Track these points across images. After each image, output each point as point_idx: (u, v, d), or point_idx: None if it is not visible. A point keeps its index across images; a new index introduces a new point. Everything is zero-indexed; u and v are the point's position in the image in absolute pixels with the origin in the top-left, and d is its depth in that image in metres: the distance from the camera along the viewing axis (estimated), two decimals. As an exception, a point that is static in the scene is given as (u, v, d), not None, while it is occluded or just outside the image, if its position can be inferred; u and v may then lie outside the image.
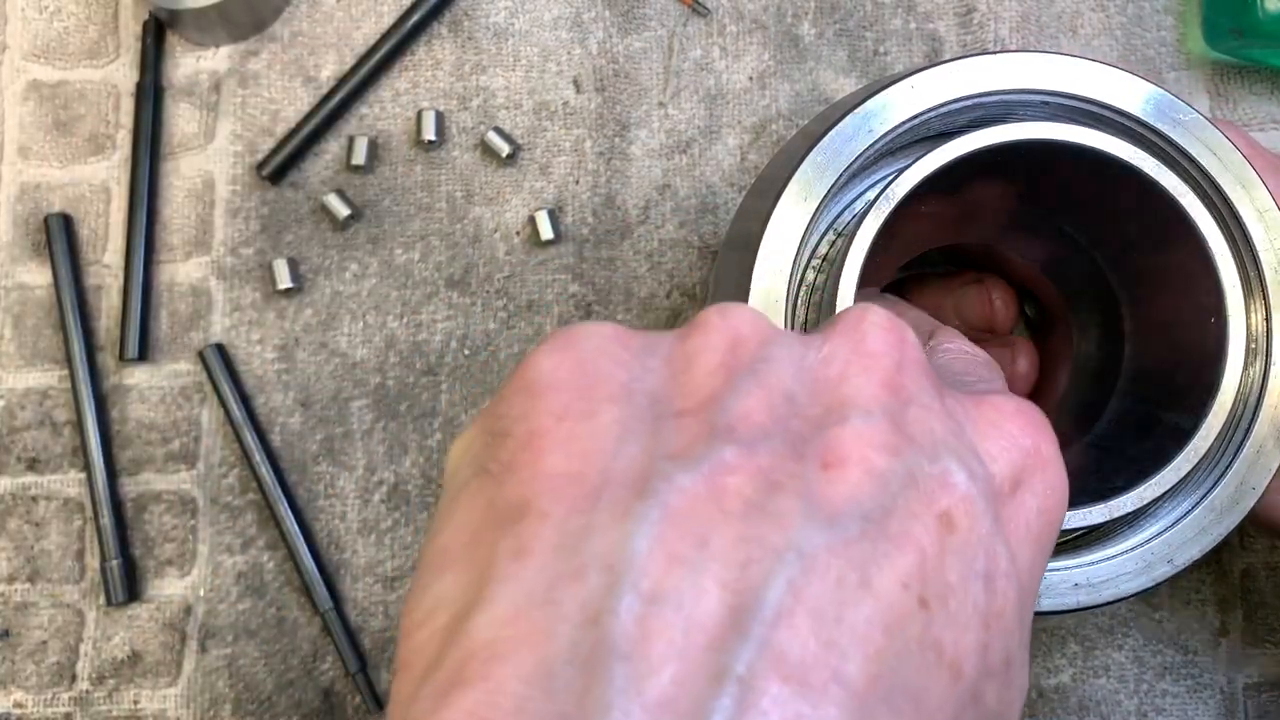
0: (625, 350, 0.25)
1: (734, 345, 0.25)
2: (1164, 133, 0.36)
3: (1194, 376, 0.37)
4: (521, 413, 0.24)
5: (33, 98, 0.54)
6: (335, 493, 0.52)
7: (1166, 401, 0.39)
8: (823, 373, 0.25)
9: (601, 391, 0.24)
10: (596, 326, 0.26)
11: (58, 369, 0.52)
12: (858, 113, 0.35)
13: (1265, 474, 0.36)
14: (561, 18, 0.54)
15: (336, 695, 0.51)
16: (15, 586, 0.52)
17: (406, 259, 0.53)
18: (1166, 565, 0.36)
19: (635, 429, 0.24)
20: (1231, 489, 0.36)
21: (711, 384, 0.25)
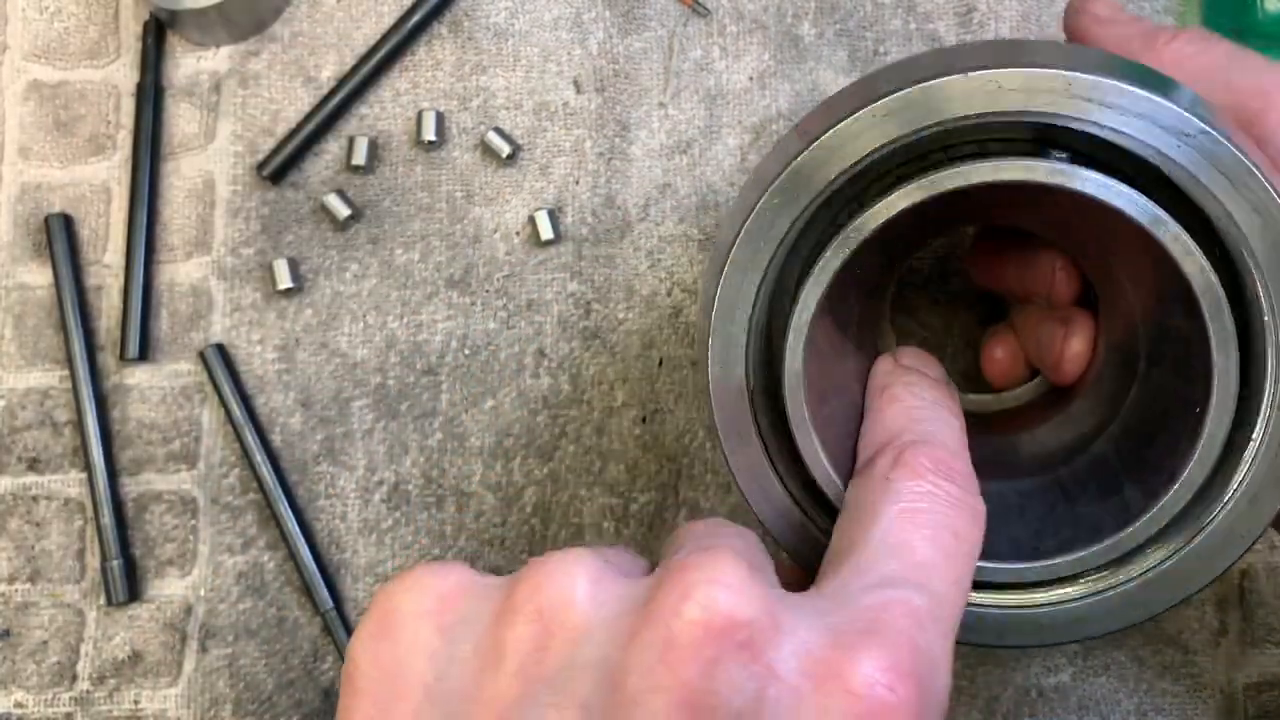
0: (440, 636, 0.26)
1: (544, 637, 0.25)
2: (1201, 182, 0.31)
3: (1161, 457, 0.35)
4: (342, 710, 0.27)
5: (33, 98, 0.54)
6: (336, 492, 0.52)
7: (1133, 469, 0.37)
8: (621, 682, 0.24)
9: (403, 702, 0.26)
10: (417, 599, 0.27)
11: (58, 369, 0.52)
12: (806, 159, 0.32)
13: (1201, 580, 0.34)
14: (562, 18, 0.54)
15: (337, 695, 0.51)
16: (16, 586, 0.52)
17: (407, 259, 0.53)
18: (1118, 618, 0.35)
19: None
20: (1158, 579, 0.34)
21: (511, 692, 0.25)
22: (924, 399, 0.35)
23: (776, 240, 0.33)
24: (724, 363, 0.35)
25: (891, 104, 0.31)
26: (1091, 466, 0.39)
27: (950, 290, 0.52)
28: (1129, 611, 0.35)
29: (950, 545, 0.29)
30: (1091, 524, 0.35)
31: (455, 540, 0.52)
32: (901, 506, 0.30)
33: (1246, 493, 0.33)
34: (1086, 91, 0.30)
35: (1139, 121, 0.30)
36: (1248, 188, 0.30)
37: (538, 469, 0.52)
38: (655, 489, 0.52)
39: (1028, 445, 0.43)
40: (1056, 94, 0.30)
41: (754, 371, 0.35)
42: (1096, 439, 0.40)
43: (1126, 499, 0.35)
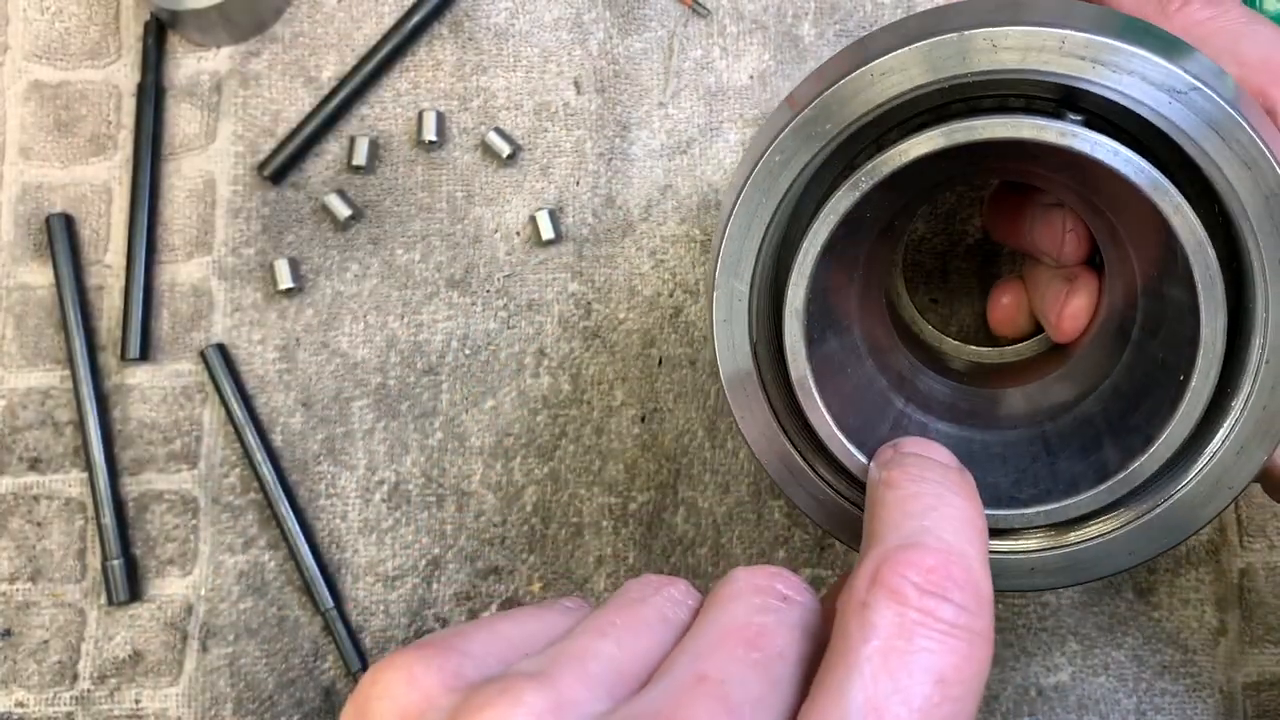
0: None
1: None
2: (1197, 142, 0.31)
3: (1143, 421, 0.35)
4: None
5: (34, 98, 0.54)
6: (336, 492, 0.52)
7: (1116, 430, 0.37)
8: None
9: None
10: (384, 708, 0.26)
11: (59, 369, 0.53)
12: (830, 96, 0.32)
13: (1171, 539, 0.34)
14: (562, 19, 0.54)
15: (337, 694, 0.51)
16: (17, 586, 0.52)
17: (407, 259, 0.53)
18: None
19: None
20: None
21: None
22: (924, 484, 0.30)
23: (784, 188, 0.33)
24: (728, 317, 0.34)
25: (891, 62, 0.32)
26: (1077, 424, 0.39)
27: (958, 250, 0.52)
28: (1095, 565, 0.35)
29: (931, 699, 0.24)
30: (1069, 479, 0.35)
31: (455, 540, 0.52)
32: (876, 646, 0.25)
33: (1232, 447, 0.34)
34: (1080, 49, 0.30)
35: (1130, 79, 0.30)
36: (1238, 142, 0.30)
37: (538, 468, 0.52)
38: (654, 488, 0.52)
39: (1019, 401, 0.43)
40: (1049, 52, 0.31)
41: (758, 324, 0.35)
42: (1086, 399, 0.40)
43: (1105, 458, 0.35)
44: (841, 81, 0.32)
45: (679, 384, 0.52)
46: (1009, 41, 0.31)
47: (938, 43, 0.31)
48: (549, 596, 0.51)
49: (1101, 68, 0.30)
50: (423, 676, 0.26)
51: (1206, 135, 0.31)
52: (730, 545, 0.51)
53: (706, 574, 0.51)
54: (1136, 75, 0.30)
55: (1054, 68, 0.31)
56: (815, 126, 0.32)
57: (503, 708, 0.24)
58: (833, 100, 0.32)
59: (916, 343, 0.49)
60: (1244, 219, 0.31)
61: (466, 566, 0.52)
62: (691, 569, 0.51)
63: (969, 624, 0.25)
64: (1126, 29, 0.32)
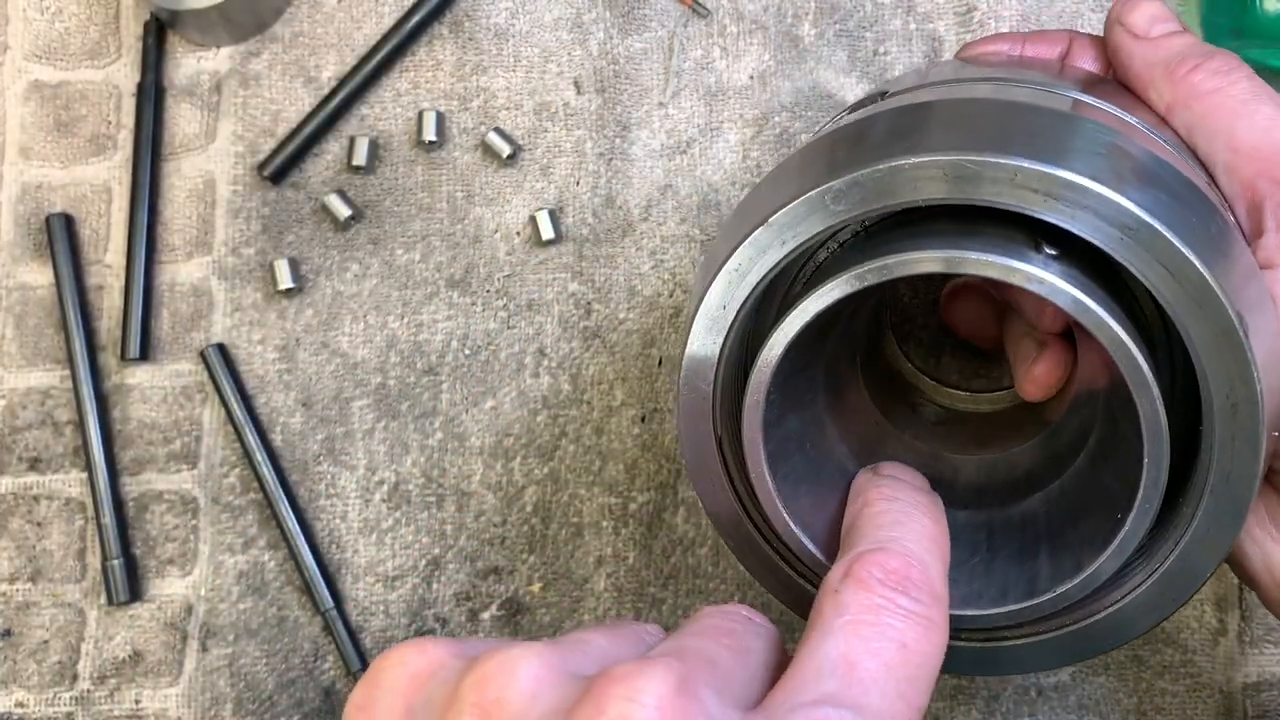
0: (406, 715, 0.28)
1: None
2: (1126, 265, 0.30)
3: (1079, 543, 0.35)
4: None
5: (34, 98, 0.54)
6: (336, 492, 0.52)
7: (1055, 542, 0.37)
8: None
9: None
10: (395, 676, 0.29)
11: (59, 369, 0.53)
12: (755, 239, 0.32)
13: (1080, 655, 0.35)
14: (562, 19, 0.54)
15: (337, 694, 0.51)
16: (17, 586, 0.52)
17: (407, 259, 0.53)
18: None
19: None
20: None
21: None
22: (895, 502, 0.34)
23: (743, 296, 0.33)
24: (691, 414, 0.35)
25: (841, 186, 0.31)
26: (1021, 521, 0.39)
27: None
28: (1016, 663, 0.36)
29: (895, 659, 0.28)
30: (1001, 585, 0.36)
31: (455, 540, 0.52)
32: (847, 619, 0.29)
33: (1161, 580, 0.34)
34: (1032, 182, 0.30)
35: (1083, 214, 0.30)
36: (1189, 280, 0.30)
37: (538, 468, 0.52)
38: (654, 488, 0.52)
39: (975, 473, 0.43)
40: (1001, 184, 0.30)
41: (723, 422, 0.36)
42: (1034, 494, 0.40)
43: (1038, 571, 0.36)
44: (796, 201, 0.32)
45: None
46: (961, 173, 0.30)
47: (892, 169, 0.31)
48: (549, 597, 0.51)
49: (1054, 201, 0.30)
50: (433, 647, 0.28)
51: (1156, 271, 0.30)
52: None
53: (706, 574, 0.51)
54: (1089, 211, 0.30)
55: (1006, 199, 0.30)
56: (779, 235, 0.32)
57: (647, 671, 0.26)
58: (786, 219, 0.32)
59: (891, 388, 0.48)
60: (1196, 357, 0.31)
61: (466, 566, 0.52)
62: (691, 569, 0.51)
63: (925, 613, 0.29)
64: (1090, 147, 0.32)
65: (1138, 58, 0.39)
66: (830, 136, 0.35)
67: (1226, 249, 0.32)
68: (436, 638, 0.29)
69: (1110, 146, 0.32)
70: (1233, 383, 0.30)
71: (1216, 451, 0.31)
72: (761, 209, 0.33)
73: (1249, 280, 0.32)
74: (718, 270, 0.33)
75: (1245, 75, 0.37)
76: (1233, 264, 0.31)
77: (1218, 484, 0.32)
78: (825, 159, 0.33)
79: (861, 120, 0.35)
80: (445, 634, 0.51)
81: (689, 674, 0.27)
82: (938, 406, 0.49)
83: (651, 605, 0.51)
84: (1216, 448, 0.31)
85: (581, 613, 0.51)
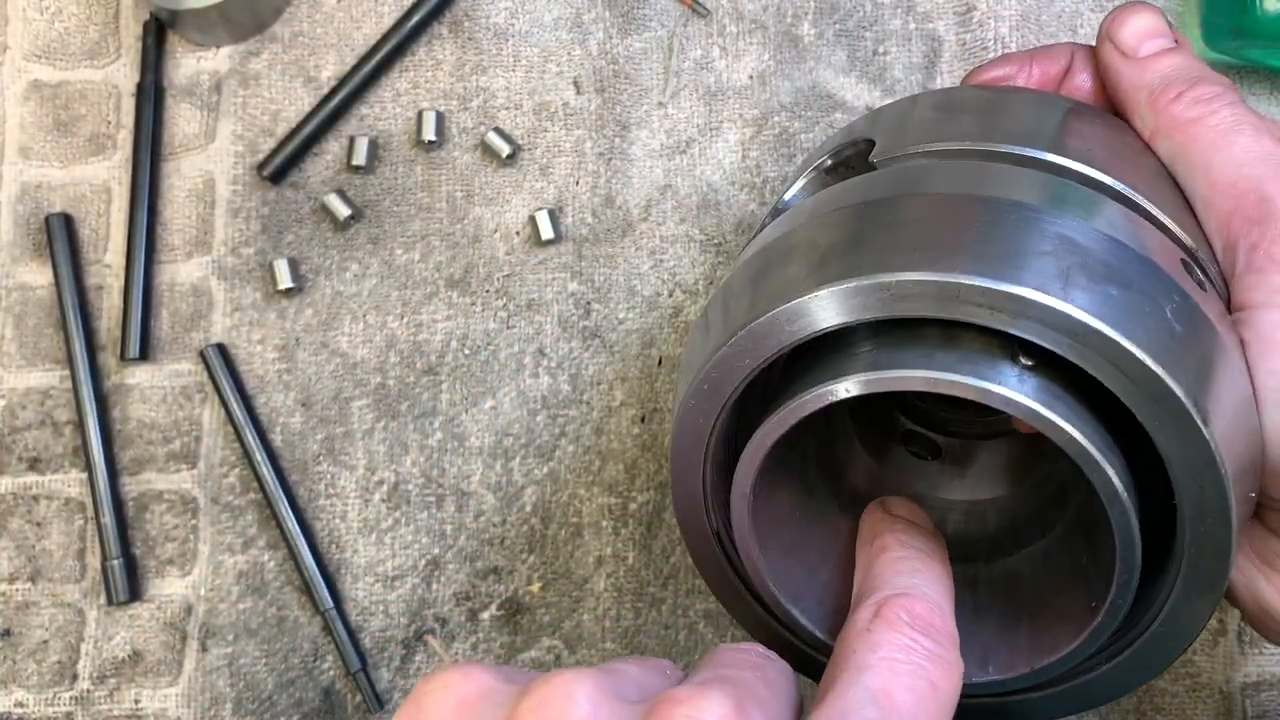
0: None
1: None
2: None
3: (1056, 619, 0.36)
4: None
5: (34, 98, 0.54)
6: (336, 492, 0.52)
7: (1034, 610, 0.38)
8: None
9: None
10: (440, 700, 0.29)
11: (59, 369, 0.53)
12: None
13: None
14: (562, 18, 0.54)
15: (337, 694, 0.51)
16: (16, 586, 0.52)
17: (407, 259, 0.53)
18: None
19: None
20: None
21: None
22: (911, 549, 0.36)
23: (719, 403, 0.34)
24: (687, 507, 0.37)
25: (798, 306, 0.32)
26: (1006, 581, 0.40)
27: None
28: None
29: (927, 694, 0.30)
30: (981, 654, 0.36)
31: (455, 540, 0.52)
32: (881, 656, 0.31)
33: (1139, 654, 0.35)
34: (976, 298, 0.30)
35: (1029, 323, 0.30)
36: (1143, 378, 0.30)
37: (537, 468, 0.52)
38: (654, 488, 0.52)
39: (963, 519, 0.43)
40: (947, 300, 0.30)
41: (714, 504, 0.37)
42: (1021, 550, 0.41)
43: (1018, 642, 0.36)
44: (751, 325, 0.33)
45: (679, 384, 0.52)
46: (906, 291, 0.31)
47: (836, 291, 0.31)
48: (549, 597, 0.51)
49: (1000, 314, 0.30)
50: (479, 673, 0.29)
51: (1109, 373, 0.30)
52: (730, 545, 0.51)
53: (706, 574, 0.51)
54: (1034, 320, 0.30)
55: (954, 315, 0.31)
56: (737, 360, 0.33)
57: (705, 694, 0.28)
58: (748, 339, 0.33)
59: (880, 423, 0.49)
60: (1160, 449, 0.31)
61: (466, 566, 0.52)
62: (691, 569, 0.51)
63: (947, 656, 0.32)
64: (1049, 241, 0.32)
65: (1125, 78, 0.39)
66: (771, 249, 0.36)
67: (1187, 330, 0.32)
68: (478, 663, 0.29)
69: (1062, 241, 0.32)
70: (1197, 469, 0.31)
71: (1189, 532, 0.32)
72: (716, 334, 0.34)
73: (1212, 352, 0.32)
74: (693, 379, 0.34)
75: (1227, 104, 0.37)
76: (1193, 343, 0.32)
77: (1192, 559, 0.32)
78: (766, 281, 0.34)
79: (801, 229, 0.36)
80: (445, 634, 0.51)
81: (741, 697, 0.28)
82: (929, 436, 0.49)
83: (651, 605, 0.51)
84: (1188, 528, 0.32)
85: (581, 612, 0.51)
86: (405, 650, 0.51)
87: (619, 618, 0.51)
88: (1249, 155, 0.36)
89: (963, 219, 0.34)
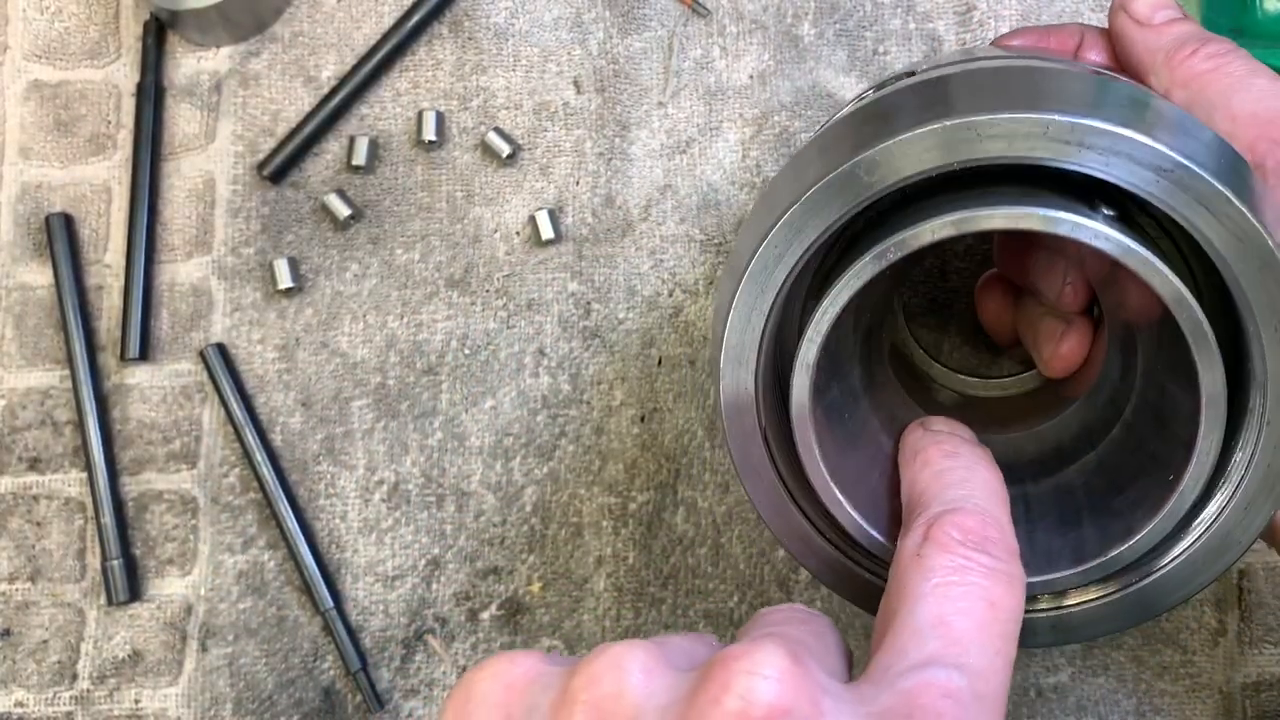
0: None
1: None
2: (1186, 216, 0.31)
3: (1125, 507, 0.35)
4: None
5: (34, 98, 0.54)
6: (336, 492, 0.52)
7: (1097, 510, 0.37)
8: None
9: None
10: (489, 687, 0.29)
11: (59, 369, 0.53)
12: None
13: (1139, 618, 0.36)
14: (562, 18, 0.54)
15: (337, 694, 0.51)
16: (16, 586, 0.52)
17: (407, 259, 0.53)
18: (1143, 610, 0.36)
19: None
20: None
21: None
22: (957, 459, 0.35)
23: (780, 280, 0.33)
24: (736, 405, 0.35)
25: (878, 155, 0.32)
26: (1058, 493, 0.40)
27: (949, 287, 0.52)
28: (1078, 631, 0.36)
29: (986, 616, 0.29)
30: (1045, 554, 0.36)
31: (455, 540, 0.52)
32: (935, 583, 0.30)
33: (1218, 531, 0.34)
34: (1064, 134, 0.31)
35: (1117, 159, 0.30)
36: (1227, 216, 0.30)
37: (537, 468, 0.52)
38: (654, 488, 0.52)
39: (1003, 450, 0.44)
40: (1034, 138, 0.31)
41: (765, 407, 0.36)
42: (1068, 467, 0.41)
43: (1083, 537, 0.36)
44: (828, 177, 0.32)
45: (678, 384, 0.52)
46: (994, 130, 0.31)
47: (924, 133, 0.31)
48: (549, 596, 0.51)
49: (1087, 151, 0.31)
50: (525, 658, 0.29)
51: (1196, 210, 0.31)
52: (730, 545, 0.51)
53: (706, 574, 0.51)
54: (1123, 156, 0.30)
55: (1040, 153, 0.31)
56: (811, 217, 0.32)
57: (761, 647, 0.27)
58: (821, 196, 0.32)
59: (908, 372, 0.49)
60: (1238, 290, 0.31)
61: (466, 566, 0.52)
62: (691, 569, 0.51)
63: (1006, 569, 0.30)
64: (1120, 104, 0.32)
65: (1139, 43, 0.40)
66: (856, 115, 0.35)
67: (1253, 190, 0.32)
68: (523, 650, 0.29)
69: (1135, 101, 0.33)
70: (1279, 309, 0.31)
71: (1270, 384, 0.32)
72: (797, 184, 0.33)
73: (1277, 220, 0.32)
74: (754, 253, 0.33)
75: (1241, 57, 0.38)
76: (1264, 204, 0.32)
77: (1274, 415, 0.32)
78: (854, 136, 0.34)
79: (886, 97, 0.36)
80: (445, 634, 0.51)
81: (796, 650, 0.27)
82: (951, 391, 0.49)
83: (651, 605, 0.51)
84: (1270, 378, 0.32)
85: (581, 612, 0.51)
86: (405, 650, 0.51)
87: (619, 618, 0.51)
88: (1268, 91, 0.36)
89: (1037, 81, 0.34)
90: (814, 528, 0.37)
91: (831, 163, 0.32)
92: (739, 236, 0.38)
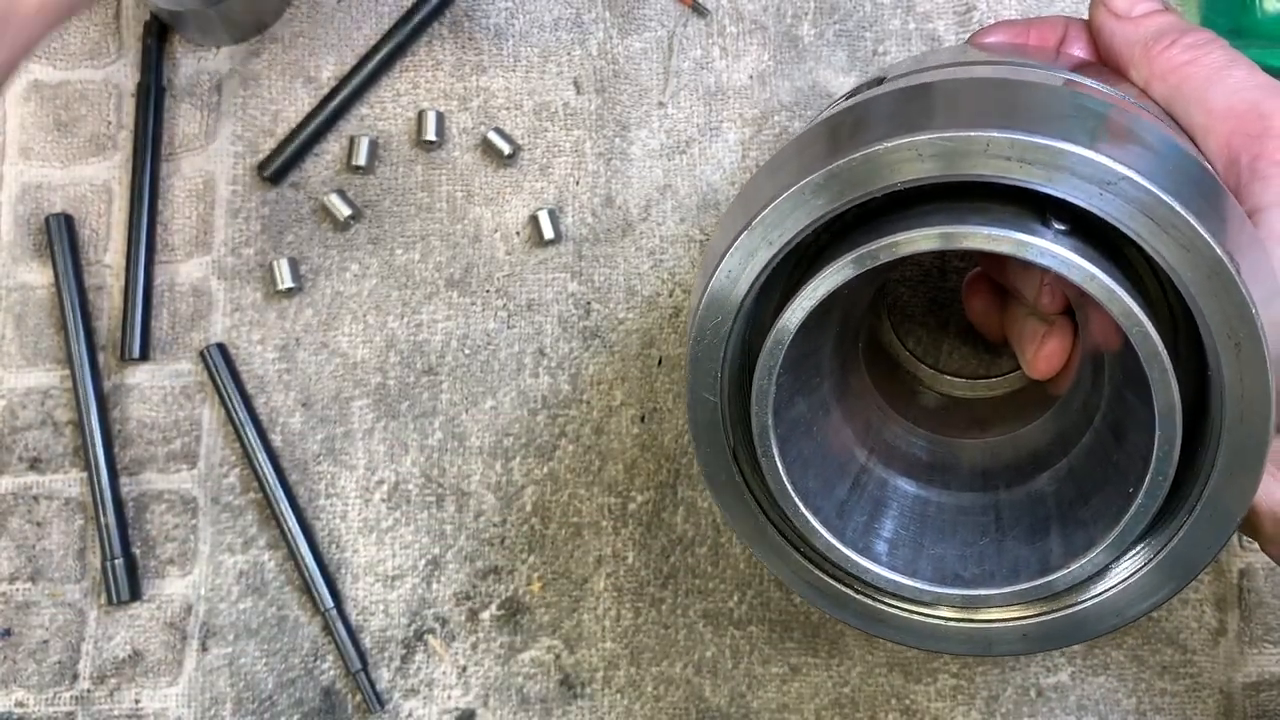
0: None
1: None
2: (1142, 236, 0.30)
3: (1090, 518, 0.35)
4: None
5: (34, 98, 0.54)
6: (336, 492, 0.52)
7: (1065, 519, 0.37)
8: None
9: None
10: None
11: (59, 369, 0.53)
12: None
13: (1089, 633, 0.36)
14: (561, 18, 0.54)
15: (337, 694, 0.51)
16: (17, 586, 0.52)
17: (407, 259, 0.53)
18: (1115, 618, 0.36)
19: None
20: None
21: None
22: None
23: (740, 296, 0.34)
24: (703, 421, 0.36)
25: (820, 180, 0.32)
26: (1029, 501, 0.40)
27: (948, 287, 0.52)
28: (1030, 644, 0.37)
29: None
30: (1013, 564, 0.36)
31: (455, 540, 0.52)
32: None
33: (1185, 539, 0.34)
34: (1003, 151, 0.30)
35: (1060, 174, 0.30)
36: (1173, 227, 0.30)
37: (537, 468, 0.52)
38: (654, 488, 0.52)
39: (979, 455, 0.44)
40: (975, 156, 0.30)
41: (732, 422, 0.36)
42: (1041, 474, 0.41)
43: (1049, 549, 0.36)
44: (776, 200, 0.32)
45: (678, 384, 0.52)
46: (933, 150, 0.31)
47: (866, 157, 0.31)
48: (549, 596, 0.51)
49: (1029, 166, 0.30)
50: None
51: (1141, 222, 0.30)
52: (730, 544, 0.51)
53: (706, 573, 0.51)
54: (1065, 170, 0.30)
55: (981, 170, 0.30)
56: (765, 236, 0.33)
57: None
58: (772, 218, 0.32)
59: (892, 375, 0.49)
60: (1191, 300, 0.31)
61: (466, 566, 0.52)
62: (691, 569, 0.51)
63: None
64: (1072, 115, 0.32)
65: (1118, 36, 0.40)
66: (817, 128, 0.36)
67: (1211, 196, 0.32)
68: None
69: (1083, 109, 0.33)
70: (1231, 321, 0.30)
71: (1227, 394, 0.31)
72: (749, 208, 0.33)
73: (1239, 225, 0.32)
74: (711, 275, 0.33)
75: (1219, 46, 0.38)
76: (1219, 209, 0.32)
77: (1232, 426, 0.32)
78: (808, 152, 0.34)
79: (843, 111, 0.36)
80: (445, 634, 0.51)
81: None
82: (937, 394, 0.49)
83: (651, 605, 0.51)
84: (1226, 390, 0.31)
85: (581, 612, 0.51)
86: (405, 650, 0.51)
87: (619, 617, 0.51)
88: (1244, 83, 0.37)
89: (988, 93, 0.34)
90: (786, 540, 0.37)
91: (781, 185, 0.32)
92: (712, 238, 0.38)
